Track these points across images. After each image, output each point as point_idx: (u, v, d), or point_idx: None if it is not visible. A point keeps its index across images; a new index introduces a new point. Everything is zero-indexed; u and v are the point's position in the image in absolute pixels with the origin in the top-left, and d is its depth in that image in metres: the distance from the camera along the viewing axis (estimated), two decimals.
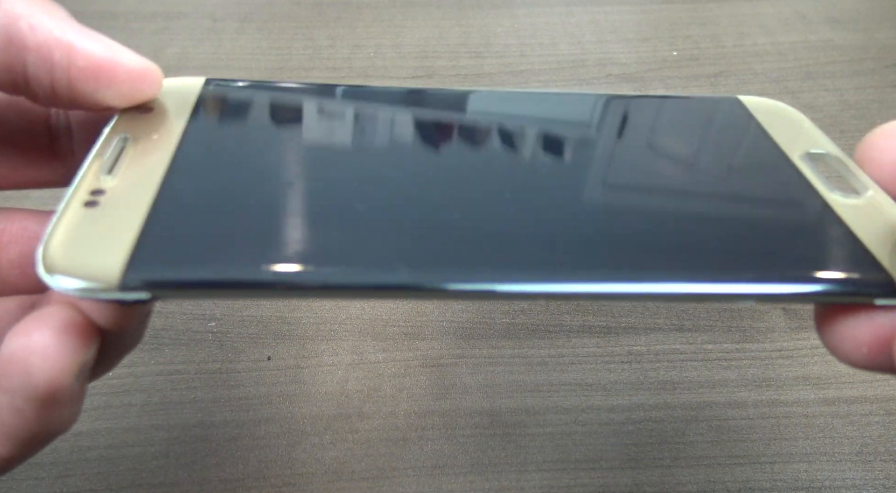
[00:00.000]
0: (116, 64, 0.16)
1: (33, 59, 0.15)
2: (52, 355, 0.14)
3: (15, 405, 0.14)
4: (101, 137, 0.17)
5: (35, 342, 0.14)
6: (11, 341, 0.14)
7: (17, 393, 0.14)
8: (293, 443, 0.28)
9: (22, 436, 0.14)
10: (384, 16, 0.48)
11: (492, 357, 0.31)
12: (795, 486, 0.27)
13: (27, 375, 0.14)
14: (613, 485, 0.28)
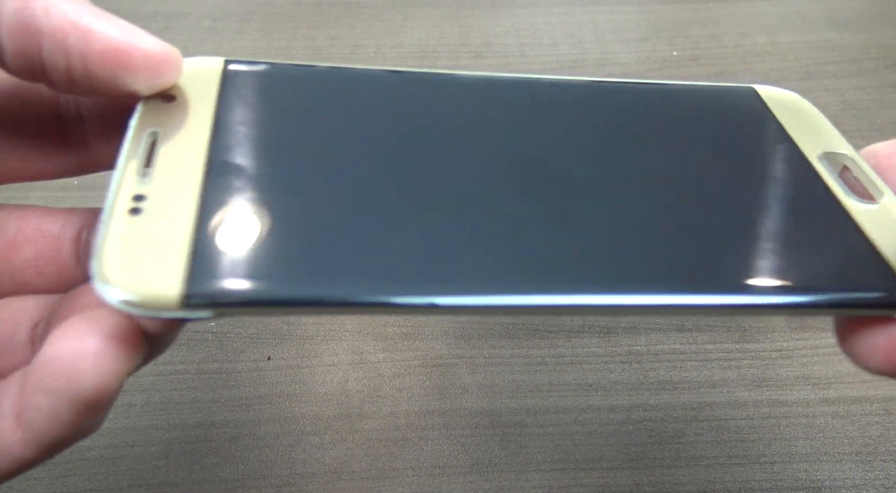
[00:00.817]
0: (134, 47, 0.15)
1: (48, 44, 0.15)
2: (103, 361, 0.13)
3: (54, 408, 0.14)
4: (129, 133, 0.16)
5: (86, 346, 0.13)
6: (59, 344, 0.13)
7: (60, 396, 0.13)
8: (293, 443, 0.28)
9: (51, 440, 0.14)
10: (384, 16, 0.48)
11: (492, 357, 0.31)
12: (795, 486, 0.27)
13: (75, 379, 0.13)
14: (613, 485, 0.28)
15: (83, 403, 0.14)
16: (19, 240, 0.18)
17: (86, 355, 0.13)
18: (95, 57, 0.15)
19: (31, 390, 0.14)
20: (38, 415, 0.14)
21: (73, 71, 0.15)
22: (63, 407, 0.14)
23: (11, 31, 0.15)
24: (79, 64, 0.15)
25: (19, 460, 0.15)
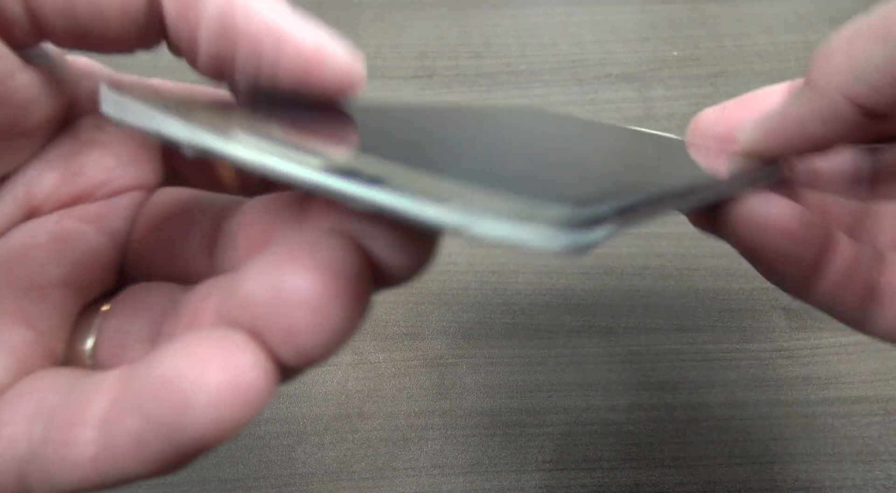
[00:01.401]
0: (323, 61, 0.15)
1: (243, 50, 0.15)
2: (224, 406, 0.11)
3: (143, 439, 0.11)
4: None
5: (209, 381, 0.11)
6: (178, 362, 0.11)
7: (156, 427, 0.11)
8: (293, 443, 0.28)
9: (127, 472, 0.12)
10: (384, 16, 0.48)
11: (492, 357, 0.31)
12: (796, 486, 0.27)
13: (181, 415, 0.11)
14: (613, 485, 0.28)
15: (177, 444, 0.11)
16: (162, 221, 0.18)
17: (207, 390, 0.11)
18: (286, 67, 0.15)
19: (126, 405, 0.12)
20: (122, 437, 0.12)
21: (262, 77, 0.15)
22: (152, 442, 0.11)
23: (211, 33, 0.15)
24: (268, 71, 0.15)
25: (86, 479, 0.12)
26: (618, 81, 0.43)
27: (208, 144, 0.11)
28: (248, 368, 0.11)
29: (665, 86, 0.42)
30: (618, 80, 0.43)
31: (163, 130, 0.11)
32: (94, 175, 0.17)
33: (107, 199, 0.17)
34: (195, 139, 0.11)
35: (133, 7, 0.14)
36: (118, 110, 0.12)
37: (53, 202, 0.17)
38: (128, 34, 0.15)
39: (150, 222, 0.18)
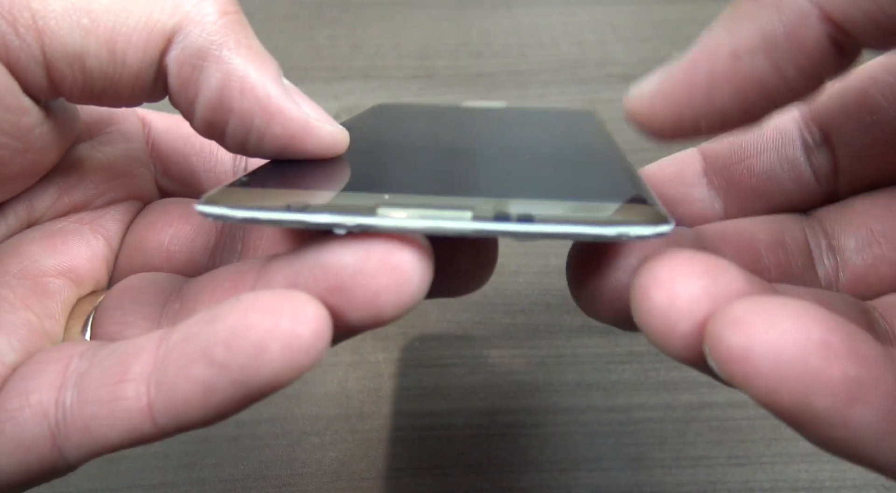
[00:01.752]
0: (308, 136, 0.17)
1: (235, 121, 0.16)
2: (294, 350, 0.12)
3: (211, 384, 0.12)
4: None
5: (281, 326, 0.12)
6: (249, 316, 0.12)
7: (229, 373, 0.12)
8: (293, 443, 0.28)
9: (183, 417, 0.13)
10: (384, 16, 0.48)
11: (492, 357, 0.31)
12: (796, 486, 0.27)
13: (255, 359, 0.12)
14: (613, 485, 0.28)
15: (250, 389, 0.12)
16: (160, 222, 0.19)
17: (280, 336, 0.12)
18: (272, 138, 0.16)
19: (188, 355, 0.12)
20: (186, 386, 0.12)
21: (248, 143, 0.16)
22: (223, 387, 0.12)
23: (209, 103, 0.16)
24: (255, 140, 0.16)
25: (137, 431, 0.13)
26: (618, 81, 0.43)
27: (365, 224, 0.13)
28: (314, 318, 0.12)
29: None
30: (618, 80, 0.43)
31: (309, 221, 0.13)
32: (91, 188, 0.18)
33: (102, 208, 0.19)
34: (348, 222, 0.13)
35: (143, 77, 0.16)
36: (232, 216, 0.13)
37: (52, 213, 0.18)
38: (136, 97, 0.17)
39: (147, 225, 0.19)
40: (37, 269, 0.17)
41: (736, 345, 0.11)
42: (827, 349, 0.11)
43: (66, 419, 0.13)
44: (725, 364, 0.11)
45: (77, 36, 0.15)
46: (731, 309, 0.11)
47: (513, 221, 0.13)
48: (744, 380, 0.11)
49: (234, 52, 0.16)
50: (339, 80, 0.43)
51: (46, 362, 0.15)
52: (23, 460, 0.14)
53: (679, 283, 0.12)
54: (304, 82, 0.42)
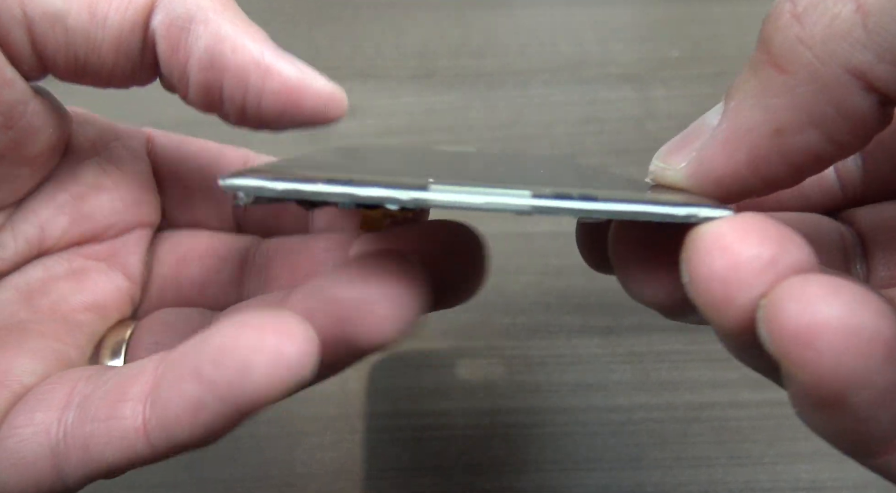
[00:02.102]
0: (306, 88, 0.16)
1: (230, 80, 0.16)
2: (279, 367, 0.12)
3: (200, 400, 0.12)
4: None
5: (267, 344, 0.12)
6: (234, 332, 0.12)
7: (216, 389, 0.12)
8: (293, 443, 0.28)
9: (176, 435, 0.13)
10: (384, 15, 0.48)
11: (492, 357, 0.31)
12: (798, 486, 0.27)
13: (240, 375, 0.12)
14: (614, 486, 0.27)
15: (236, 406, 0.12)
16: (189, 256, 0.20)
17: (265, 352, 0.12)
18: (270, 95, 0.16)
19: (180, 373, 0.13)
20: (177, 403, 0.13)
21: (248, 106, 0.16)
22: (211, 403, 0.12)
23: (201, 65, 0.16)
24: (254, 101, 0.16)
25: (132, 450, 0.13)
26: (618, 81, 0.43)
27: (421, 198, 0.12)
28: (300, 336, 0.12)
29: (665, 86, 0.42)
30: (618, 80, 0.43)
31: (360, 195, 0.12)
32: (103, 218, 0.19)
33: (115, 238, 0.19)
34: (402, 197, 0.12)
35: (126, 41, 0.16)
36: (271, 188, 0.12)
37: (65, 243, 0.19)
38: (122, 68, 0.16)
39: (179, 260, 0.20)
40: (66, 305, 0.18)
41: (801, 323, 0.10)
42: (888, 347, 0.10)
43: (66, 438, 0.14)
44: (783, 340, 0.11)
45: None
46: (800, 284, 0.11)
47: (575, 198, 0.12)
48: (798, 360, 0.11)
49: (220, 15, 0.16)
50: (339, 80, 0.43)
51: (55, 384, 0.15)
52: (22, 476, 0.14)
53: (743, 250, 0.11)
54: None
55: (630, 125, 0.40)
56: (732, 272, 0.11)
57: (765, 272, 0.11)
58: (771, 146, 0.12)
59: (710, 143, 0.14)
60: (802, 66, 0.12)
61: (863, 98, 0.11)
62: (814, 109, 0.12)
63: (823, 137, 0.12)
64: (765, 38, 0.12)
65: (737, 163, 0.13)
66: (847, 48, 0.11)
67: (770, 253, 0.11)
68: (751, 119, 0.13)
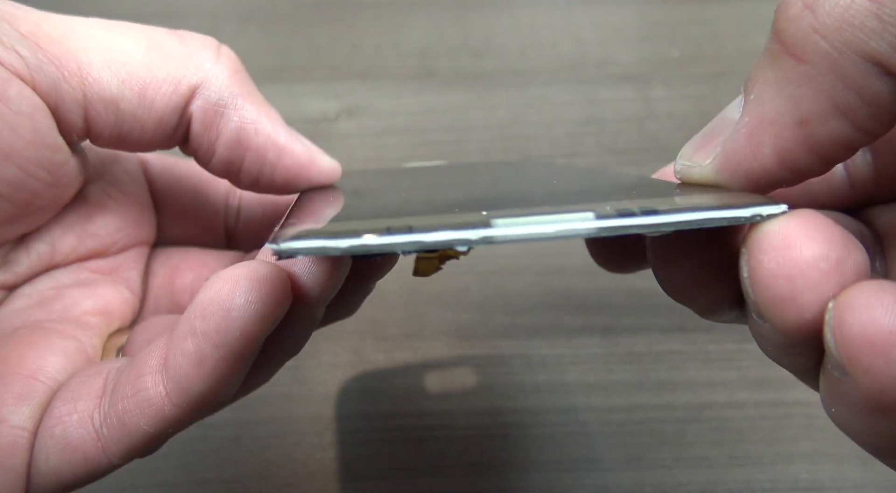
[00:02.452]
0: (313, 166, 0.20)
1: (251, 157, 0.19)
2: (254, 303, 0.14)
3: (200, 352, 0.14)
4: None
5: (240, 287, 0.14)
6: (214, 286, 0.14)
7: (209, 337, 0.14)
8: (293, 443, 0.28)
9: (192, 391, 0.15)
10: (384, 15, 0.48)
11: (492, 357, 0.31)
12: (796, 487, 0.27)
13: (226, 318, 0.14)
14: (614, 486, 0.27)
15: (229, 347, 0.14)
16: (181, 267, 0.22)
17: (240, 294, 0.14)
18: (283, 170, 0.19)
19: (180, 336, 0.14)
20: (183, 361, 0.14)
21: (262, 177, 0.19)
22: (209, 351, 0.14)
23: (229, 143, 0.19)
24: (268, 174, 0.19)
25: (161, 415, 0.15)
26: (618, 81, 0.43)
27: (489, 236, 0.12)
28: (270, 275, 0.14)
29: (665, 86, 0.42)
30: (618, 80, 0.43)
31: (429, 241, 0.12)
32: (108, 236, 0.21)
33: (117, 254, 0.21)
34: (471, 237, 0.12)
35: (167, 121, 0.18)
36: (335, 247, 0.12)
37: (73, 258, 0.20)
38: (157, 140, 0.19)
39: (172, 271, 0.22)
40: (78, 309, 0.20)
41: (874, 330, 0.11)
42: None
43: (105, 420, 0.16)
44: (853, 346, 0.11)
45: (115, 84, 0.18)
46: (873, 291, 0.11)
47: (638, 215, 0.12)
48: (868, 367, 0.11)
49: (246, 101, 0.19)
50: (339, 80, 0.43)
51: (89, 376, 0.17)
52: (70, 459, 0.16)
53: (811, 249, 0.11)
54: (304, 82, 0.42)
55: (630, 125, 0.40)
56: (798, 271, 0.11)
57: (831, 274, 0.11)
58: (797, 136, 0.13)
59: (734, 136, 0.14)
60: (820, 56, 0.12)
61: (883, 83, 0.12)
62: (837, 97, 0.12)
63: (849, 125, 0.12)
64: (778, 29, 0.12)
65: (763, 155, 0.13)
66: (863, 38, 0.11)
67: (837, 255, 0.11)
68: (773, 110, 0.13)
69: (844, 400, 0.12)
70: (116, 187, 0.21)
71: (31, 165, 0.17)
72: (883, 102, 0.12)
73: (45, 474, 0.16)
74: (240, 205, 0.24)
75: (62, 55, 0.17)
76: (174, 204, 0.23)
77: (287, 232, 0.12)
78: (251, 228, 0.24)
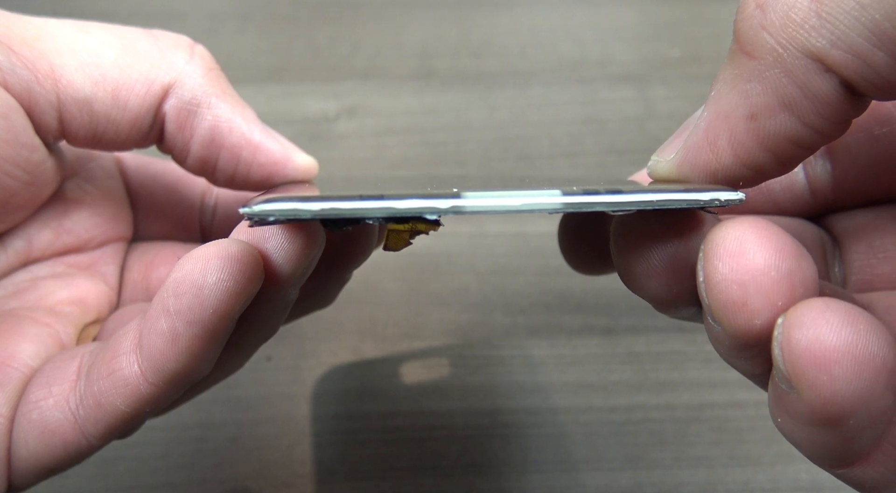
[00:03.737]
0: (288, 162, 0.20)
1: (225, 155, 0.19)
2: (225, 280, 0.14)
3: (173, 330, 0.14)
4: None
5: (212, 265, 0.14)
6: (186, 265, 0.14)
7: (182, 315, 0.14)
8: (293, 443, 0.28)
9: (167, 368, 0.15)
10: (384, 15, 0.48)
11: (492, 357, 0.31)
12: (796, 487, 0.27)
13: (198, 296, 0.14)
14: (614, 486, 0.27)
15: (202, 325, 0.14)
16: (157, 262, 0.22)
17: (211, 272, 0.14)
18: (259, 168, 0.19)
19: (154, 315, 0.15)
20: (157, 340, 0.15)
21: (237, 175, 0.20)
22: (182, 329, 0.14)
23: (203, 142, 0.19)
24: (244, 171, 0.19)
25: (137, 394, 0.15)
26: (618, 81, 0.43)
27: (459, 205, 0.12)
28: (240, 253, 0.14)
29: (665, 86, 0.42)
30: (618, 80, 0.43)
31: (399, 208, 0.12)
32: (84, 232, 0.21)
33: (94, 250, 0.21)
34: (441, 206, 0.12)
35: (141, 121, 0.19)
36: (305, 210, 0.13)
37: (50, 253, 0.21)
38: (132, 140, 0.19)
39: (148, 265, 0.22)
40: (53, 298, 0.20)
41: (819, 348, 0.11)
42: (890, 374, 0.11)
43: (82, 402, 0.16)
44: (799, 361, 0.11)
45: (88, 85, 0.18)
46: (820, 309, 0.11)
47: (602, 193, 0.13)
48: (812, 382, 0.11)
49: (220, 99, 0.19)
50: (339, 80, 0.43)
51: (64, 360, 0.17)
52: (49, 442, 0.16)
53: (763, 257, 0.12)
54: (304, 82, 0.42)
55: (630, 125, 0.40)
56: (750, 277, 0.12)
57: (781, 283, 0.12)
58: (748, 130, 0.13)
59: (694, 131, 0.14)
60: (767, 51, 0.12)
61: (824, 79, 0.12)
62: (782, 92, 0.12)
63: (796, 120, 0.12)
64: (735, 29, 0.13)
65: (720, 149, 0.13)
66: (804, 34, 0.12)
67: (787, 265, 0.12)
68: (727, 105, 0.13)
69: (790, 412, 0.12)
70: (92, 184, 0.21)
71: (8, 164, 0.17)
72: (825, 97, 0.12)
73: (26, 458, 0.16)
74: (216, 203, 0.24)
75: (35, 58, 0.17)
76: (150, 201, 0.23)
77: (259, 198, 0.13)
78: (228, 225, 0.24)
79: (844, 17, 0.11)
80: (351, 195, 0.12)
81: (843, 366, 0.11)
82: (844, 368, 0.11)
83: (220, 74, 0.20)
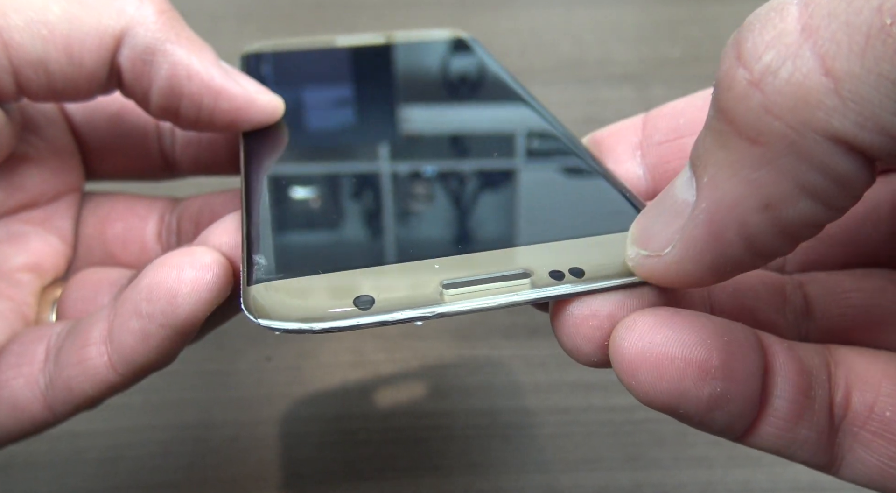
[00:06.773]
0: (251, 105, 0.19)
1: (186, 103, 0.19)
2: (199, 290, 0.15)
3: (145, 331, 0.15)
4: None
5: (186, 276, 0.15)
6: (161, 271, 0.15)
7: (153, 319, 0.15)
8: (293, 443, 0.28)
9: (137, 362, 0.16)
10: (384, 16, 0.48)
11: (492, 357, 0.31)
12: (796, 487, 0.27)
13: (172, 303, 0.15)
14: (613, 486, 0.27)
15: (174, 328, 0.15)
16: (112, 216, 0.22)
17: (185, 282, 0.15)
18: (220, 113, 0.19)
19: (125, 314, 0.16)
20: (128, 337, 0.16)
21: (201, 120, 0.19)
22: (154, 331, 0.15)
23: (162, 91, 0.19)
24: (207, 116, 0.19)
25: (106, 382, 0.16)
26: (618, 81, 0.43)
27: (442, 312, 0.14)
28: (213, 264, 0.15)
29: (665, 86, 0.42)
30: (618, 80, 0.43)
31: (391, 320, 0.14)
32: (34, 187, 0.21)
33: (47, 205, 0.21)
34: (428, 315, 0.14)
35: (98, 75, 0.18)
36: (312, 328, 0.14)
37: (2, 212, 0.20)
38: (91, 92, 0.19)
39: (102, 220, 0.22)
40: (8, 267, 0.20)
41: (626, 355, 0.13)
42: (702, 370, 0.13)
43: (52, 383, 0.17)
44: (616, 369, 0.13)
45: (38, 45, 0.17)
46: (633, 319, 0.13)
47: (567, 283, 0.16)
48: (628, 386, 0.14)
49: (176, 44, 0.18)
50: None
51: (31, 342, 0.18)
52: (19, 417, 0.17)
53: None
54: None
55: None
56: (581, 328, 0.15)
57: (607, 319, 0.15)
58: (763, 221, 0.12)
59: (693, 223, 0.12)
60: (777, 138, 0.11)
61: (850, 161, 0.11)
62: (801, 178, 0.11)
63: (819, 204, 0.11)
64: (724, 108, 0.11)
65: (727, 243, 0.12)
66: (822, 116, 0.10)
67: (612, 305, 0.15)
68: (733, 195, 0.12)
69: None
70: (37, 135, 0.21)
71: None
72: (851, 178, 0.11)
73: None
74: (174, 127, 0.23)
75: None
76: (99, 137, 0.22)
77: (262, 305, 0.14)
78: (191, 150, 0.23)
79: (873, 96, 0.10)
80: (350, 314, 0.14)
81: (645, 371, 0.13)
82: (646, 373, 0.13)
83: (174, 14, 0.19)
